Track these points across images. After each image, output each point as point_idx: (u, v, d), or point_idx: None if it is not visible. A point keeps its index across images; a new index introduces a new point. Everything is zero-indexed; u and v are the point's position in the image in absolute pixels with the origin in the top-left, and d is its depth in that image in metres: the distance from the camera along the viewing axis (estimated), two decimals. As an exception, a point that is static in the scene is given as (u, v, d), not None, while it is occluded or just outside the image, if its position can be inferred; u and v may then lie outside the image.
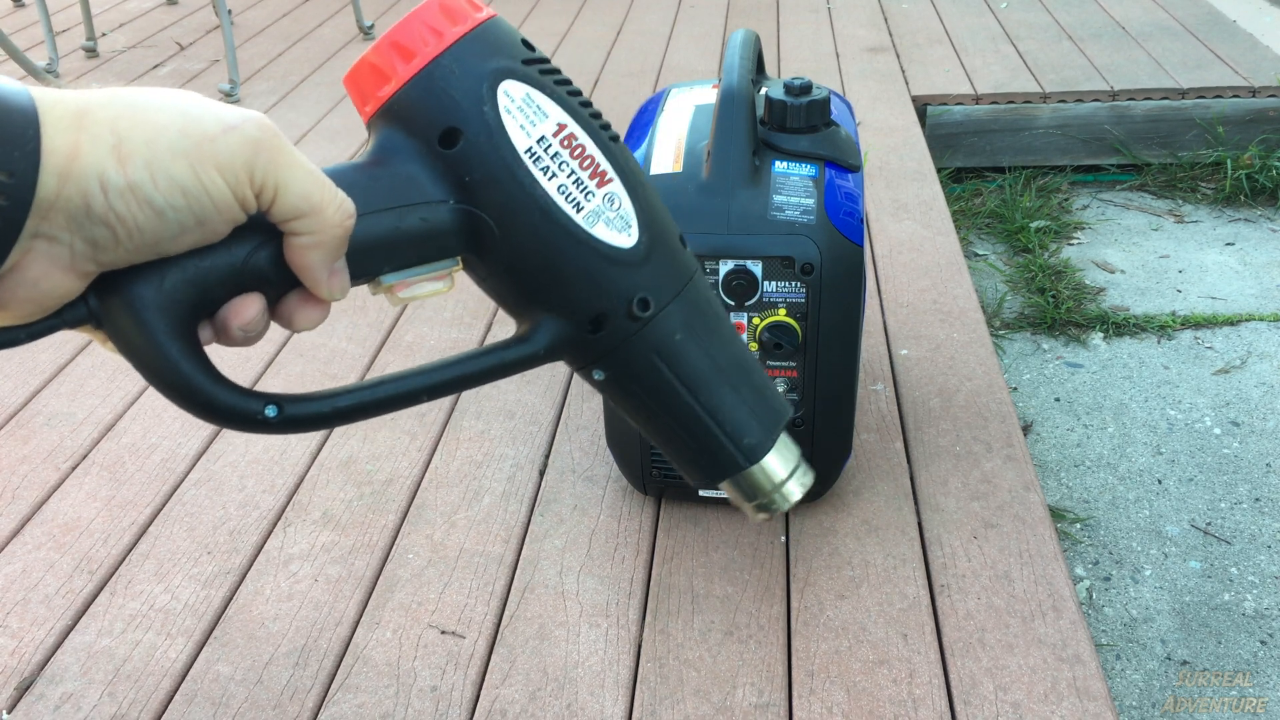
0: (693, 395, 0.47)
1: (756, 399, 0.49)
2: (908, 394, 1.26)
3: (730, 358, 0.48)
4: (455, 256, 0.43)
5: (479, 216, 0.42)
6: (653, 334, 0.45)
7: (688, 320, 0.46)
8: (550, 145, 0.42)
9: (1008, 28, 2.80)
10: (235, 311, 0.39)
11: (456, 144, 0.41)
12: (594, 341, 0.45)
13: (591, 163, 0.43)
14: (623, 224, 0.44)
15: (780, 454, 0.50)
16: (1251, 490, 1.58)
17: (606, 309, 0.44)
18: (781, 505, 0.50)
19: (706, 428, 0.48)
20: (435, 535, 1.08)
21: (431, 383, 0.43)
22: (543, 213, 0.42)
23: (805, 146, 0.95)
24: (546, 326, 0.44)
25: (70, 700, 0.92)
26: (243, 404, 0.40)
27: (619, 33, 2.81)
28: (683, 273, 0.46)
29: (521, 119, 0.42)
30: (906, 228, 1.68)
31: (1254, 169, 2.37)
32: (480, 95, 0.41)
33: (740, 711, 0.88)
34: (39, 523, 1.12)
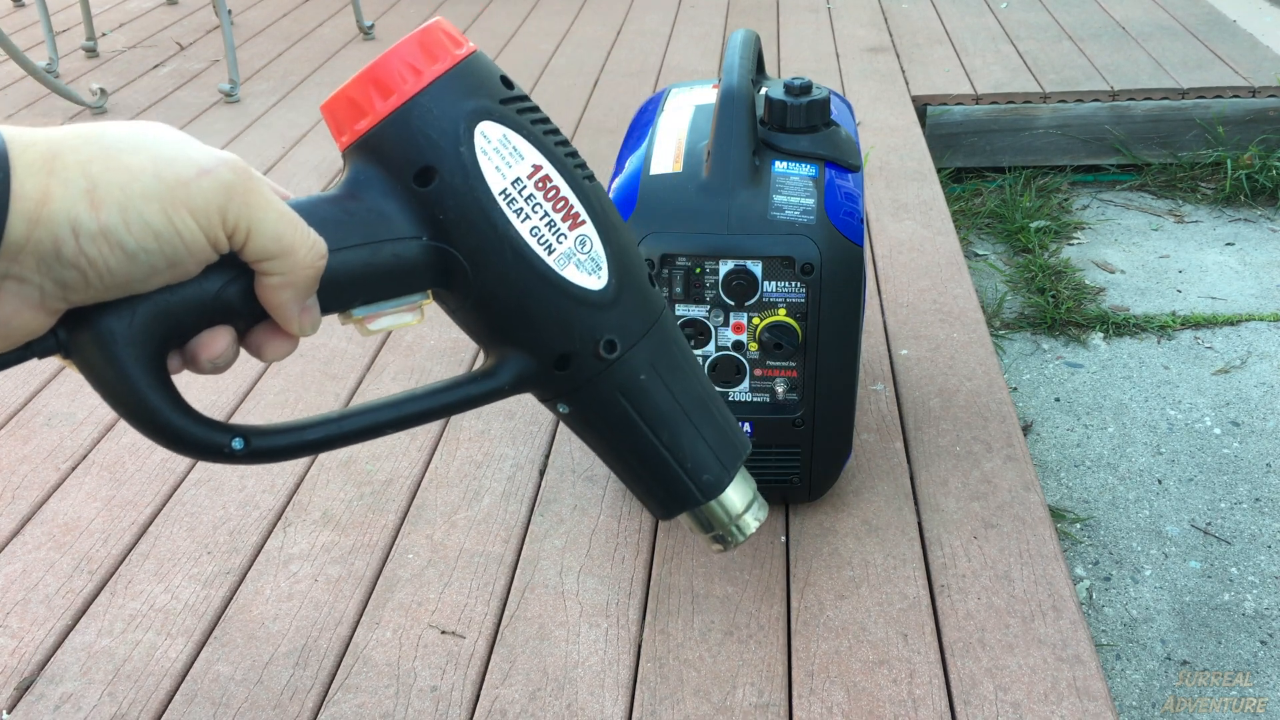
0: (654, 433, 0.48)
1: (717, 436, 0.50)
2: (908, 394, 1.26)
3: (693, 396, 0.49)
4: (426, 290, 0.43)
5: (451, 254, 0.42)
6: (618, 373, 0.46)
7: (653, 360, 0.47)
8: (525, 187, 0.42)
9: (1008, 28, 2.80)
10: (204, 344, 0.39)
11: (431, 182, 0.41)
12: (560, 379, 0.45)
13: (565, 205, 0.44)
14: (593, 266, 0.44)
15: (738, 488, 0.51)
16: (1251, 490, 1.58)
17: (573, 349, 0.45)
18: (738, 538, 0.52)
19: (666, 463, 0.48)
20: (435, 535, 1.08)
21: (398, 416, 0.44)
22: (515, 253, 0.42)
23: (805, 146, 0.95)
24: (513, 362, 0.45)
25: (70, 700, 0.92)
26: (209, 436, 0.40)
27: (619, 33, 2.81)
28: (650, 313, 0.47)
29: (497, 160, 0.42)
30: (906, 228, 1.68)
31: (1254, 169, 2.37)
32: (457, 135, 0.41)
33: (740, 711, 0.88)
34: (39, 522, 1.12)
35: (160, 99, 2.45)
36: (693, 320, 0.95)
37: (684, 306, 0.95)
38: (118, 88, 2.53)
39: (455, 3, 3.11)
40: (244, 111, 2.35)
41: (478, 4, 3.09)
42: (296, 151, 2.10)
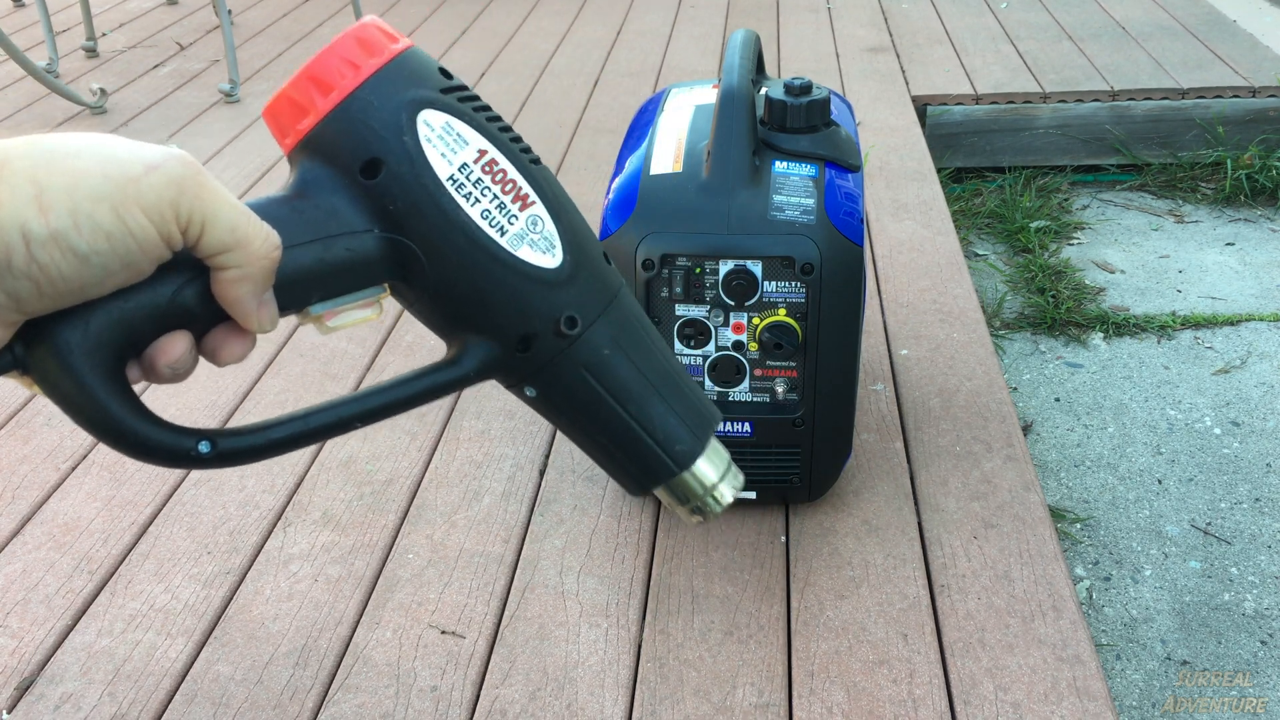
0: (623, 407, 0.48)
1: (686, 407, 0.50)
2: (908, 394, 1.26)
3: (659, 369, 0.49)
4: (382, 284, 0.43)
5: (404, 244, 0.42)
6: (581, 351, 0.46)
7: (615, 335, 0.47)
8: (472, 171, 0.43)
9: (1008, 28, 2.80)
10: (162, 350, 0.39)
11: (378, 174, 0.41)
12: (523, 360, 0.45)
13: (513, 186, 0.44)
14: (547, 245, 0.44)
15: (710, 459, 0.51)
16: (1251, 490, 1.58)
17: (534, 329, 0.45)
18: (714, 508, 0.52)
19: (637, 438, 0.49)
20: (435, 535, 1.08)
21: (364, 409, 0.44)
22: (467, 238, 0.43)
23: (805, 146, 0.95)
24: (475, 348, 0.45)
25: (70, 700, 0.92)
26: (175, 441, 0.40)
27: (619, 33, 2.81)
28: (608, 289, 0.47)
29: (442, 147, 0.42)
30: (906, 228, 1.68)
31: (1254, 169, 2.37)
32: (400, 125, 0.41)
33: (740, 711, 0.88)
34: (39, 522, 1.12)
35: (160, 99, 2.45)
36: (693, 320, 0.95)
37: (684, 306, 0.95)
38: (118, 88, 2.53)
39: (455, 3, 3.11)
40: (244, 111, 2.35)
41: (478, 4, 3.09)
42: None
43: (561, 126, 2.17)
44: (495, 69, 2.55)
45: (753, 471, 1.03)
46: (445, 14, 3.01)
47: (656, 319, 0.96)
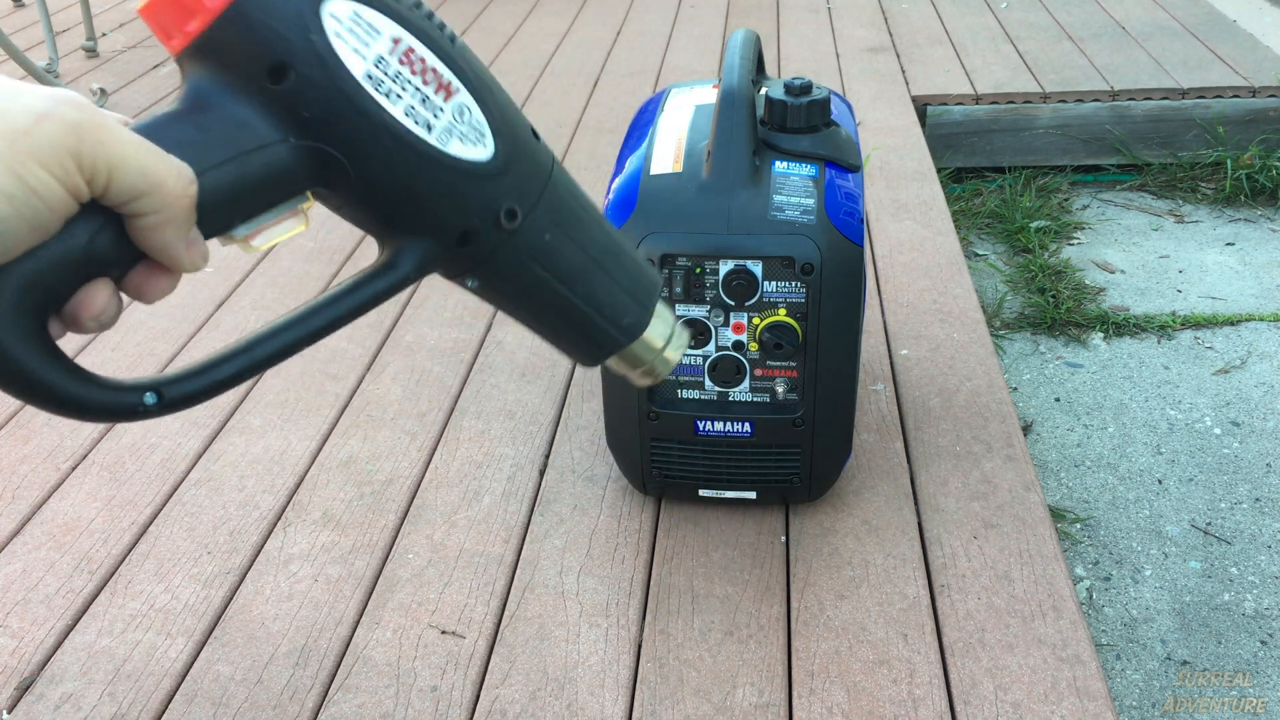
0: (569, 288, 0.46)
1: (630, 278, 0.48)
2: (908, 394, 1.26)
3: (600, 244, 0.47)
4: (305, 194, 0.40)
5: (325, 151, 0.39)
6: (523, 239, 0.44)
7: (554, 218, 0.45)
8: (389, 64, 0.39)
9: (1008, 28, 2.80)
10: (84, 303, 0.36)
11: (286, 79, 0.38)
12: (464, 255, 0.43)
13: (435, 76, 0.40)
14: (476, 136, 0.42)
15: (656, 324, 0.50)
16: (1251, 490, 1.58)
17: (473, 224, 0.42)
18: (663, 370, 0.51)
19: (586, 315, 0.47)
20: (435, 535, 1.08)
21: (309, 330, 0.42)
22: (393, 139, 0.39)
23: (805, 146, 0.95)
24: (413, 248, 0.42)
25: (70, 700, 0.92)
26: (119, 398, 0.38)
27: (619, 33, 2.81)
28: (542, 171, 0.45)
29: (353, 41, 0.38)
30: (906, 228, 1.68)
31: (1254, 169, 2.37)
32: (304, 22, 0.37)
33: (740, 711, 0.88)
34: (39, 522, 1.12)
35: (160, 99, 2.44)
36: (693, 320, 0.95)
37: (684, 306, 0.95)
38: (118, 88, 2.53)
39: (454, 3, 3.11)
40: None
41: (478, 4, 3.09)
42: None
43: (561, 126, 2.17)
44: (495, 69, 2.55)
45: (753, 471, 1.03)
46: (445, 14, 3.01)
47: (656, 319, 0.96)
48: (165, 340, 1.44)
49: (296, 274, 1.59)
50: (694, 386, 0.99)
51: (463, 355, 1.38)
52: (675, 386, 0.99)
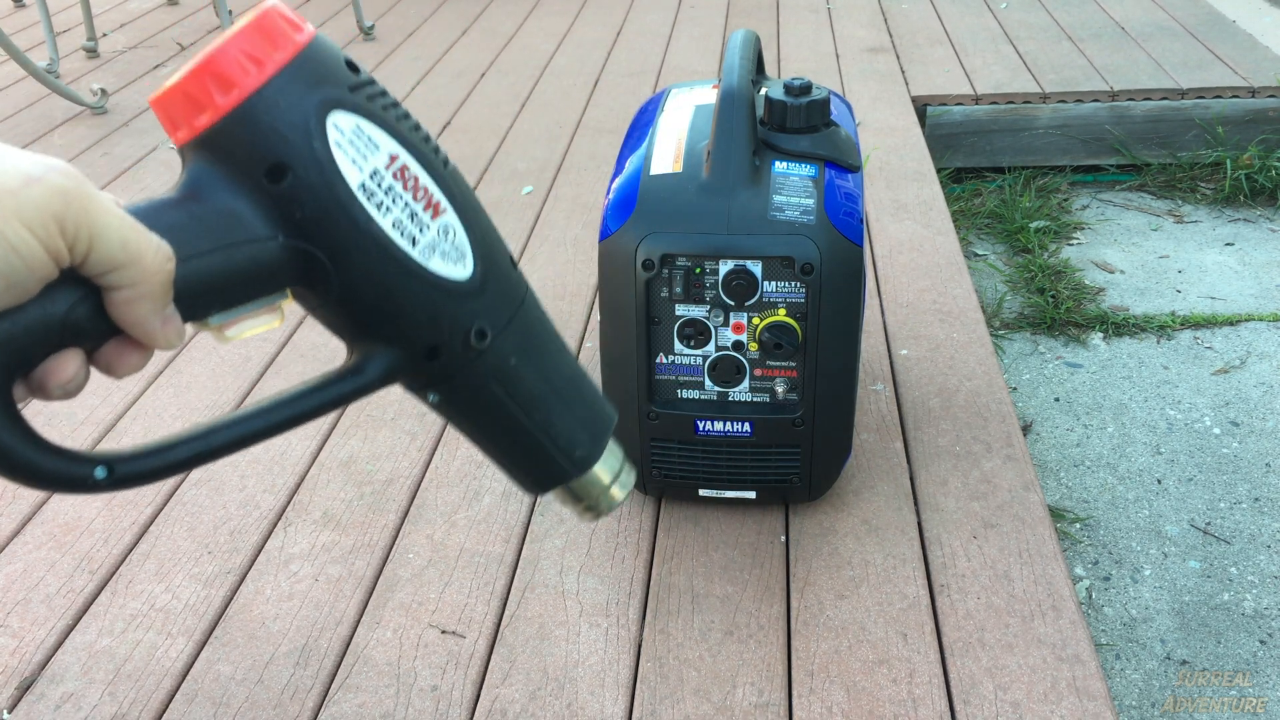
0: (527, 415, 0.47)
1: (586, 411, 0.49)
2: (908, 394, 1.26)
3: (562, 374, 0.48)
4: (285, 290, 0.41)
5: (311, 253, 0.40)
6: (489, 360, 0.45)
7: (521, 343, 0.46)
8: (383, 179, 0.40)
9: (1008, 28, 2.80)
10: (53, 371, 0.36)
11: (284, 180, 0.39)
12: (430, 369, 0.44)
13: (425, 194, 0.42)
14: (458, 255, 0.43)
15: (605, 461, 0.51)
16: (1251, 490, 1.58)
17: (443, 340, 0.43)
18: (608, 507, 0.52)
19: (539, 444, 0.48)
20: (435, 535, 1.08)
21: (268, 424, 0.42)
22: (378, 249, 0.41)
23: (805, 147, 0.95)
24: (381, 357, 0.43)
25: (71, 700, 0.92)
26: (70, 469, 0.38)
27: (619, 33, 2.81)
28: (515, 297, 0.46)
29: (353, 152, 0.40)
30: (906, 228, 1.68)
31: (1254, 169, 2.37)
32: (309, 129, 0.39)
33: (740, 711, 0.88)
34: (40, 522, 1.13)
35: (160, 99, 2.44)
36: (693, 320, 0.95)
37: (684, 306, 0.95)
38: (118, 88, 2.53)
39: (455, 2, 3.11)
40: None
41: (478, 4, 3.09)
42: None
43: (561, 126, 2.17)
44: (495, 69, 2.55)
45: (753, 471, 1.03)
46: (445, 14, 3.01)
47: (656, 319, 0.96)
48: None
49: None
50: (694, 386, 0.99)
51: (463, 355, 1.38)
52: (675, 386, 0.99)
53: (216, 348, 1.42)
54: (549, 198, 1.85)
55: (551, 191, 1.87)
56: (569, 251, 1.65)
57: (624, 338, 0.97)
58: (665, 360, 0.98)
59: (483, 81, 2.47)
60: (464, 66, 2.57)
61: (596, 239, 1.47)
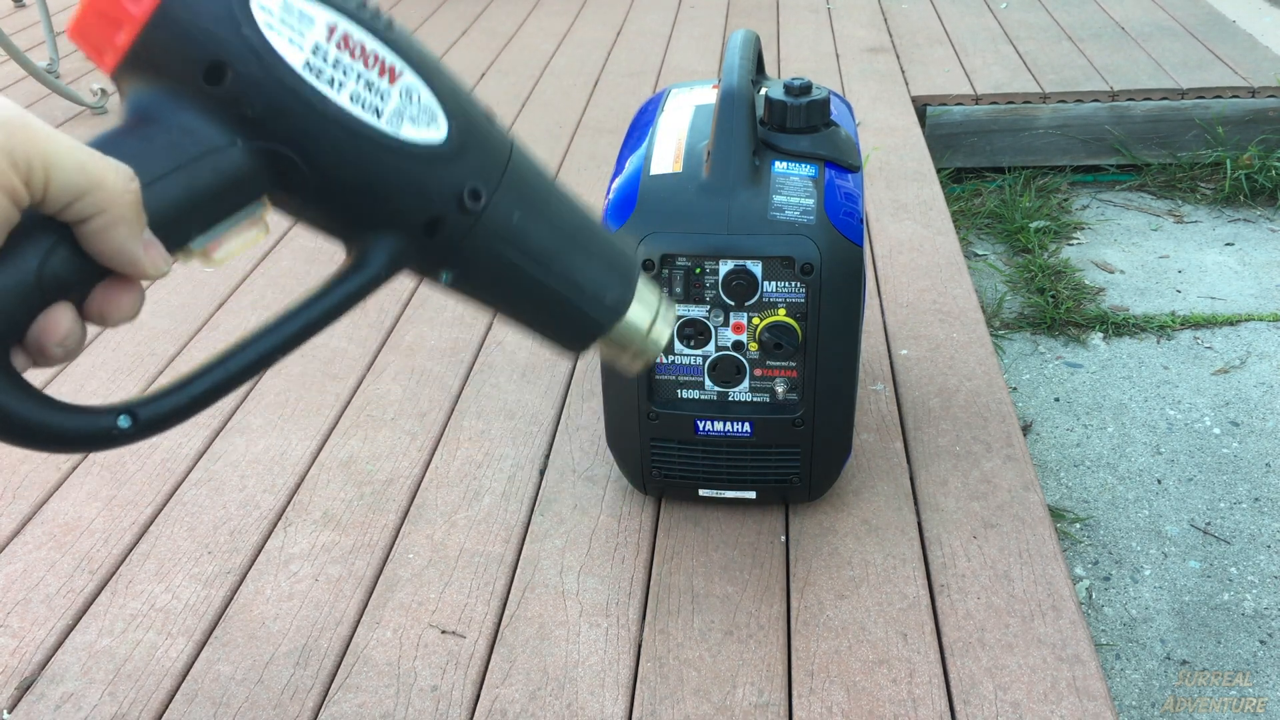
0: (546, 270, 0.45)
1: (608, 254, 0.47)
2: (908, 394, 1.26)
3: (572, 220, 0.46)
4: (261, 198, 0.39)
5: (275, 150, 0.38)
6: (491, 222, 0.43)
7: (521, 196, 0.44)
8: (327, 52, 0.38)
9: (1008, 28, 2.80)
10: (46, 330, 0.34)
11: (224, 79, 0.37)
12: (433, 246, 0.42)
13: (376, 59, 0.39)
14: (428, 117, 0.40)
15: (641, 301, 0.49)
16: (1251, 490, 1.58)
17: (438, 211, 0.41)
18: (654, 350, 0.50)
19: (567, 298, 0.46)
20: (435, 535, 1.08)
21: (284, 338, 0.40)
22: (343, 129, 0.38)
23: (805, 147, 0.95)
24: (381, 244, 0.41)
25: (71, 700, 0.92)
26: (92, 423, 0.36)
27: (619, 33, 2.81)
28: (501, 150, 0.43)
29: (287, 31, 0.37)
30: (906, 228, 1.68)
31: (1254, 169, 2.37)
32: (234, 16, 0.36)
33: (740, 711, 0.88)
34: (40, 522, 1.13)
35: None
36: (693, 320, 0.95)
37: (684, 306, 0.95)
38: (118, 88, 2.53)
39: (455, 2, 3.11)
40: None
41: (478, 4, 3.09)
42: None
43: (561, 126, 2.17)
44: (495, 69, 2.55)
45: (753, 471, 1.03)
46: (445, 14, 3.01)
47: (656, 319, 0.96)
48: (166, 340, 1.44)
49: (298, 274, 1.60)
50: (694, 386, 0.99)
51: (463, 355, 1.38)
52: (675, 386, 0.99)
53: (216, 348, 1.42)
54: (549, 198, 1.84)
55: (551, 191, 1.87)
56: (569, 251, 1.65)
57: (624, 338, 0.97)
58: (665, 360, 0.98)
59: (483, 81, 2.47)
60: (464, 66, 2.57)
61: (596, 239, 1.47)
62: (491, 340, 1.41)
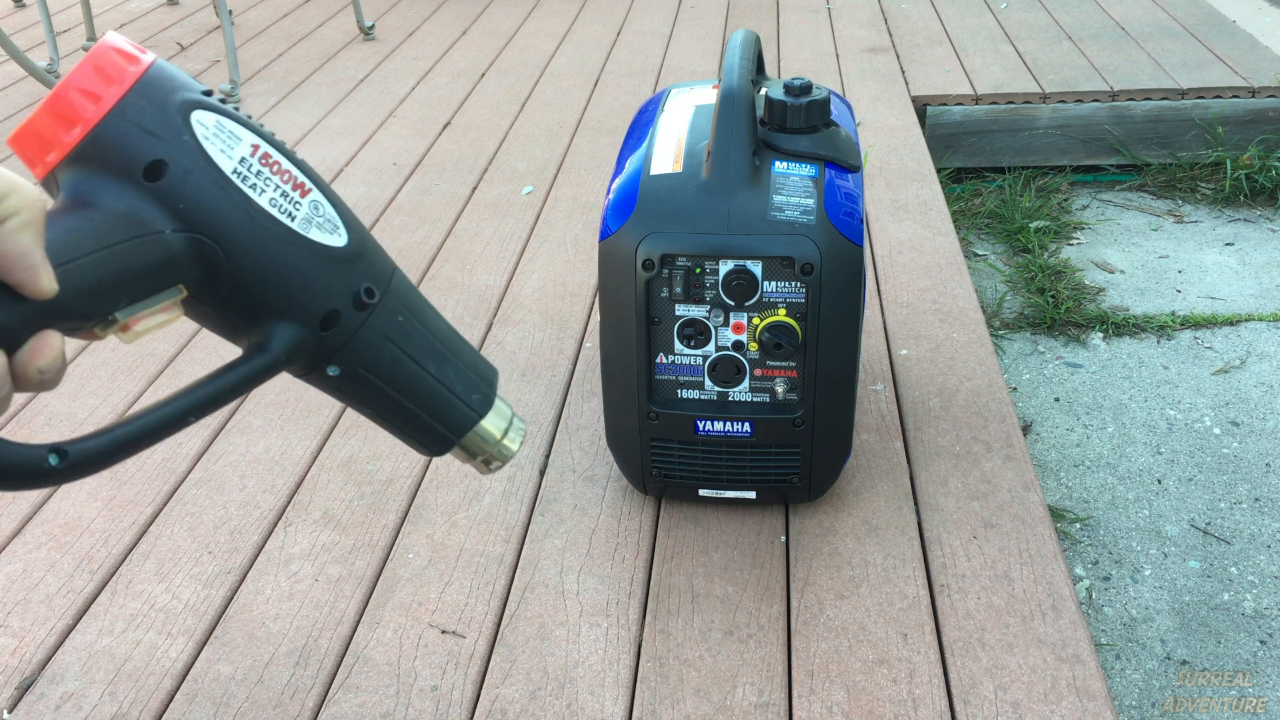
0: (424, 368, 0.51)
1: (474, 359, 0.54)
2: (908, 394, 1.26)
3: (444, 328, 0.53)
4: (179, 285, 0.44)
5: (201, 240, 0.43)
6: (380, 320, 0.49)
7: (404, 302, 0.50)
8: (251, 164, 0.45)
9: (1008, 28, 2.80)
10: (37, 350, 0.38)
11: (163, 175, 0.42)
12: (328, 339, 0.48)
13: (290, 176, 0.46)
14: (331, 226, 0.47)
15: (497, 410, 0.55)
16: (1251, 490, 1.58)
17: (336, 305, 0.47)
18: (506, 456, 0.56)
19: (440, 394, 0.52)
20: (435, 535, 1.08)
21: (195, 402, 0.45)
22: (262, 226, 0.45)
23: (805, 147, 0.95)
24: (281, 333, 0.47)
25: (71, 700, 0.92)
26: (24, 457, 0.40)
27: (619, 33, 2.81)
28: (387, 261, 0.50)
29: (219, 144, 0.44)
30: (906, 228, 1.68)
31: (1253, 169, 2.37)
32: (176, 125, 0.43)
33: (740, 711, 0.88)
34: (40, 522, 1.13)
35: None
36: (693, 320, 0.95)
37: (684, 306, 0.95)
38: (118, 88, 2.52)
39: (455, 3, 3.11)
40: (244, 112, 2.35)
41: (478, 4, 3.09)
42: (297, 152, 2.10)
43: (561, 126, 2.17)
44: (495, 69, 2.55)
45: (753, 471, 1.03)
46: (445, 14, 3.01)
47: (657, 319, 0.96)
48: (165, 341, 1.44)
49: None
50: (694, 386, 0.99)
51: (463, 355, 1.38)
52: (675, 386, 0.99)
53: (216, 351, 1.42)
54: (549, 198, 1.85)
55: (551, 191, 1.87)
56: (569, 251, 1.65)
57: (624, 338, 0.97)
58: (665, 360, 0.98)
59: (483, 81, 2.47)
60: (464, 66, 2.57)
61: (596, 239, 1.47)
62: (491, 340, 1.42)
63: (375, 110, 2.30)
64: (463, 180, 1.93)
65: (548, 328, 1.44)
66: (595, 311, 1.48)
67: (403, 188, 1.91)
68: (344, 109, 2.31)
